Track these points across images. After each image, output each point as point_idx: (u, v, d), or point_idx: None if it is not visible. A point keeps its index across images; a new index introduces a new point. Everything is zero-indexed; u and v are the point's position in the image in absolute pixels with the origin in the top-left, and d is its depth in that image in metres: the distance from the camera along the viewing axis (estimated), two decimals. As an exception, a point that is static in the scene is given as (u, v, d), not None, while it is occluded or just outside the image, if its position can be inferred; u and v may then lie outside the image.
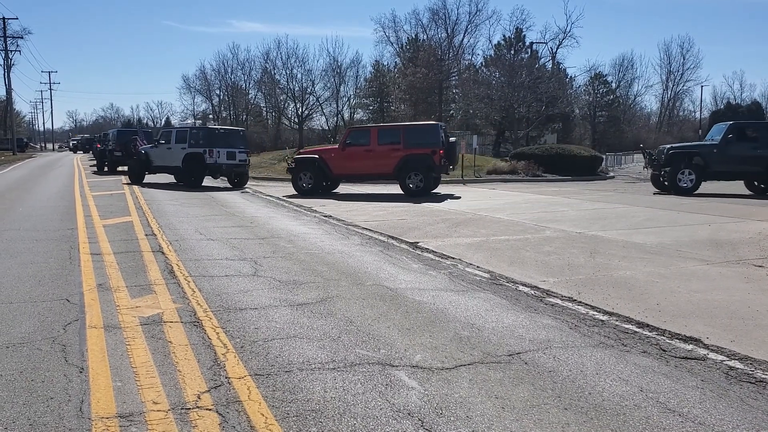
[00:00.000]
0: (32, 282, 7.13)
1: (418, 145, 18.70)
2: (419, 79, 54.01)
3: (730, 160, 18.72)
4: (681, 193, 18.59)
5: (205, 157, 22.56)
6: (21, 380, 4.23)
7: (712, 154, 18.89)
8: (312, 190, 19.81)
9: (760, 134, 19.06)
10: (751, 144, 18.71)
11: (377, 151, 19.19)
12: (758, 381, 4.24)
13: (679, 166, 18.96)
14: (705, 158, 18.92)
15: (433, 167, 18.62)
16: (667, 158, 19.31)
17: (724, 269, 7.74)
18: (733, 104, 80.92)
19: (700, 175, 18.90)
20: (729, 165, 18.80)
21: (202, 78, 77.96)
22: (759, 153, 18.46)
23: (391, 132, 20.05)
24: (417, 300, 6.39)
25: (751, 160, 18.57)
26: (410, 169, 18.75)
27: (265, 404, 3.83)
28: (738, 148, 18.73)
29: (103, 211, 14.04)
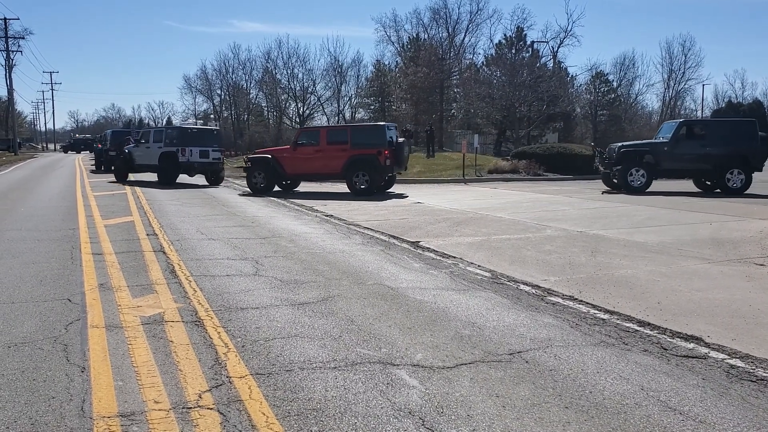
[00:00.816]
0: (34, 282, 7.14)
1: (365, 145, 19.10)
2: (420, 78, 53.96)
3: (681, 158, 18.86)
4: (632, 191, 18.59)
5: (178, 156, 23.22)
6: (23, 380, 4.23)
7: (663, 153, 18.98)
8: (265, 188, 20.25)
9: (709, 132, 19.20)
10: (701, 142, 18.86)
11: (326, 151, 19.61)
12: (759, 379, 4.24)
13: (630, 165, 18.95)
14: (656, 156, 19.00)
15: (378, 167, 18.95)
16: (618, 157, 19.28)
17: (725, 268, 7.74)
18: (734, 103, 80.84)
19: (651, 174, 18.96)
20: (679, 163, 18.96)
21: (203, 78, 77.96)
22: (708, 151, 18.62)
23: (339, 132, 20.71)
24: (418, 299, 6.39)
25: (700, 158, 18.72)
26: (356, 168, 19.18)
27: (266, 403, 3.84)
28: (688, 146, 18.88)
29: (104, 211, 14.06)
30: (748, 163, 18.54)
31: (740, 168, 18.52)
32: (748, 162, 18.53)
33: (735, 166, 18.52)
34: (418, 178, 27.06)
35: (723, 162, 18.51)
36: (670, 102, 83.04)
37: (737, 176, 18.54)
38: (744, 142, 18.58)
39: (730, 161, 18.51)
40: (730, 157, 18.49)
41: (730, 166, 18.53)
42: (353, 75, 69.27)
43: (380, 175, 19.34)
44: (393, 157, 19.10)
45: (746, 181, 18.56)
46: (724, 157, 18.49)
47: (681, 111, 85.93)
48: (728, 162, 18.51)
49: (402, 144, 19.64)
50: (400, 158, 19.51)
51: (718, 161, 18.53)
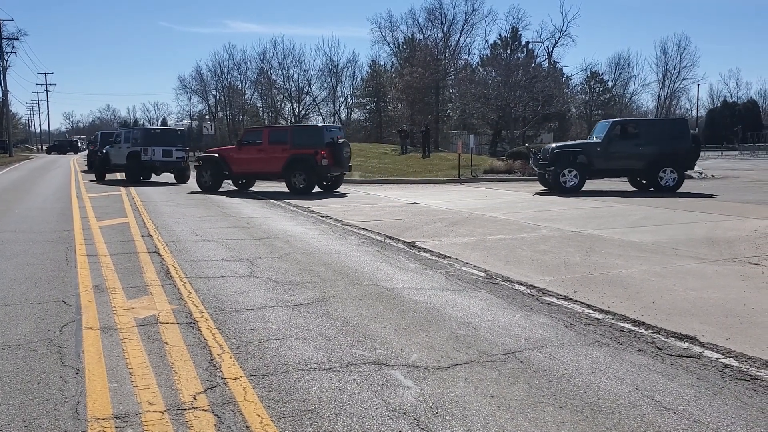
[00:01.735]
0: (28, 284, 7.12)
1: (304, 145, 19.65)
2: (416, 78, 54.00)
3: (614, 157, 18.99)
4: (565, 192, 18.62)
5: (141, 155, 24.66)
6: (17, 382, 4.22)
7: (596, 152, 19.07)
8: (212, 187, 20.97)
9: (642, 131, 19.36)
10: (633, 141, 19.02)
11: (268, 150, 20.22)
12: (753, 378, 4.25)
13: (563, 165, 18.99)
14: (589, 156, 19.08)
15: (316, 167, 19.49)
16: (552, 157, 19.33)
17: (719, 267, 7.76)
18: (729, 102, 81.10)
19: (584, 174, 19.01)
20: (612, 162, 19.09)
21: (198, 78, 77.97)
22: (641, 150, 18.76)
23: (281, 133, 21.45)
24: (413, 299, 6.39)
25: (633, 157, 18.86)
26: (295, 168, 19.74)
27: (260, 405, 3.83)
28: (620, 145, 19.03)
29: (99, 213, 14.03)
30: (680, 162, 18.77)
31: (672, 167, 18.72)
32: (680, 161, 18.77)
33: (667, 164, 18.72)
34: (414, 178, 27.08)
35: (656, 161, 18.70)
36: (665, 102, 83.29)
37: (670, 175, 18.72)
38: (676, 141, 18.76)
39: (662, 160, 18.70)
40: (663, 156, 18.69)
41: (662, 165, 18.72)
42: (349, 75, 69.42)
43: (318, 175, 19.88)
44: (331, 157, 19.54)
45: (678, 180, 18.78)
46: (656, 156, 18.68)
47: (676, 110, 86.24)
48: (661, 161, 18.70)
49: (342, 144, 19.93)
50: (339, 158, 19.80)
51: (651, 160, 18.71)
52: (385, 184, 25.17)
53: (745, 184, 21.01)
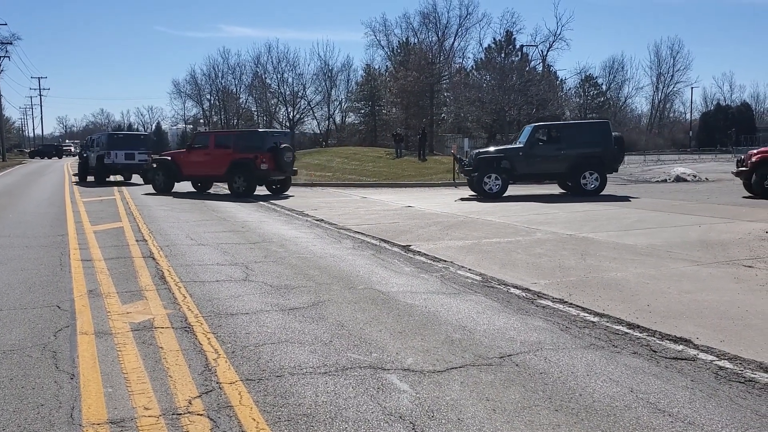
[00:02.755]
0: (23, 289, 7.10)
1: (246, 149, 20.43)
2: (410, 82, 54.06)
3: (536, 161, 19.15)
4: (488, 197, 18.63)
5: (104, 158, 26.84)
6: (11, 387, 4.21)
7: (518, 157, 19.16)
8: (164, 188, 21.96)
9: (564, 135, 19.49)
10: (555, 145, 19.15)
11: (214, 154, 21.15)
12: (747, 380, 4.27)
13: (485, 171, 19.04)
14: (512, 161, 19.16)
15: (255, 171, 20.21)
16: (475, 163, 19.43)
17: (714, 270, 7.78)
18: (722, 105, 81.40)
19: (506, 179, 19.08)
20: (535, 167, 19.25)
21: (192, 82, 77.95)
22: (563, 154, 18.89)
23: (225, 137, 22.60)
24: (409, 303, 6.40)
25: (555, 161, 19.01)
26: (236, 172, 20.51)
27: (256, 409, 3.83)
28: (542, 149, 19.20)
29: (93, 217, 14.00)
30: (602, 165, 18.86)
31: (595, 170, 18.83)
32: (603, 163, 18.86)
33: (590, 167, 18.82)
34: (409, 181, 27.10)
35: (578, 164, 18.80)
36: (659, 105, 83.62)
37: (592, 178, 18.82)
38: (598, 144, 18.87)
39: (584, 163, 18.81)
40: (585, 159, 18.80)
41: (585, 168, 18.82)
42: (343, 79, 69.49)
43: (258, 178, 20.63)
44: (271, 162, 20.25)
45: (601, 183, 18.88)
46: (578, 159, 18.80)
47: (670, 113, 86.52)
48: (583, 164, 18.81)
49: (283, 150, 20.50)
50: (279, 163, 20.40)
51: (573, 163, 18.82)
52: (379, 187, 25.19)
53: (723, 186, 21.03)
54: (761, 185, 17.84)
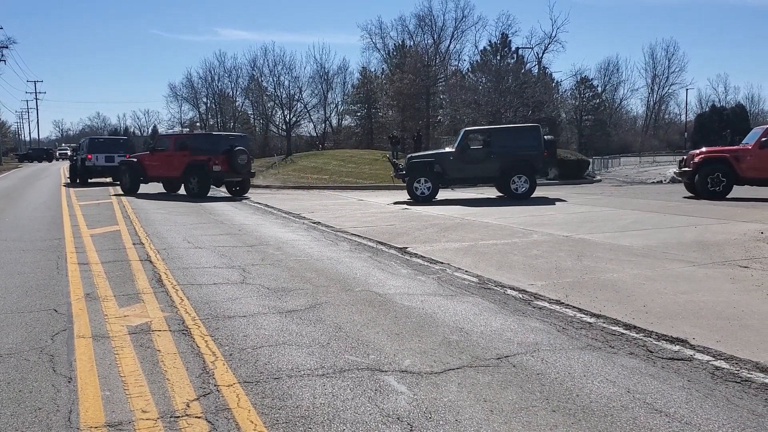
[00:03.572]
0: (19, 292, 7.09)
1: (201, 152, 21.37)
2: (406, 85, 54.15)
3: (467, 165, 19.23)
4: (419, 201, 18.78)
5: (86, 161, 28.70)
6: (9, 391, 4.21)
7: (450, 161, 19.33)
8: (130, 189, 22.87)
9: (494, 139, 19.59)
10: (486, 150, 19.26)
11: (173, 156, 22.01)
12: (743, 380, 4.28)
13: (417, 175, 19.18)
14: (443, 166, 19.28)
15: (208, 173, 21.08)
16: (407, 167, 19.61)
17: (710, 270, 7.81)
18: (717, 107, 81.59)
19: (437, 183, 19.25)
20: (466, 171, 19.35)
21: (188, 86, 77.77)
22: (493, 158, 19.00)
23: (183, 140, 23.46)
24: (406, 305, 6.40)
25: (485, 165, 19.11)
26: (191, 173, 21.40)
27: (254, 411, 3.83)
28: (473, 153, 19.31)
29: (90, 221, 13.98)
30: (531, 168, 18.97)
31: (524, 173, 18.93)
32: (532, 167, 18.97)
33: (519, 171, 18.91)
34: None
35: (508, 168, 18.90)
36: (654, 106, 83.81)
37: (521, 181, 18.92)
38: (528, 148, 18.96)
39: (514, 167, 18.90)
40: (515, 162, 18.90)
41: (514, 172, 18.91)
42: (339, 82, 69.45)
43: (211, 180, 21.50)
44: (225, 164, 21.07)
45: (531, 186, 18.99)
46: (509, 163, 18.90)
47: (665, 115, 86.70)
48: (513, 168, 18.90)
49: (236, 152, 21.18)
50: (233, 165, 21.16)
51: (503, 167, 18.92)
52: (376, 190, 25.18)
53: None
54: (704, 185, 18.13)
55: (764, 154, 17.78)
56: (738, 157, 18.10)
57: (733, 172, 17.98)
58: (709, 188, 17.95)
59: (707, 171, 18.10)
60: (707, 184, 17.99)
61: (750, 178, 18.10)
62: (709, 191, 17.91)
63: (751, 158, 17.93)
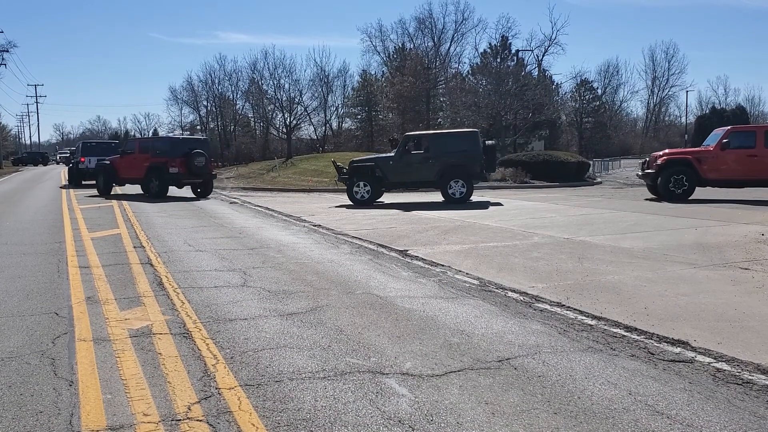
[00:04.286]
0: (20, 296, 7.09)
1: (160, 154, 22.74)
2: (407, 87, 54.17)
3: (406, 170, 19.37)
4: (358, 204, 19.02)
5: (79, 164, 30.72)
6: (10, 394, 4.21)
7: (389, 166, 19.51)
8: (104, 191, 24.19)
9: (432, 144, 19.74)
10: (425, 154, 19.39)
11: (138, 159, 23.42)
12: (745, 382, 4.28)
13: (357, 179, 19.46)
14: (383, 170, 19.50)
15: (166, 174, 22.48)
16: (349, 171, 19.87)
17: (710, 272, 7.81)
18: (718, 109, 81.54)
19: (377, 187, 19.51)
20: (405, 175, 19.49)
21: (189, 89, 77.63)
22: (431, 162, 19.10)
23: (147, 143, 24.97)
24: (407, 308, 6.41)
25: (424, 169, 19.21)
26: (151, 175, 22.73)
27: (255, 414, 3.83)
28: (412, 158, 19.45)
29: (91, 224, 13.99)
30: (468, 173, 19.04)
31: (461, 178, 18.98)
32: (469, 172, 19.03)
33: (456, 176, 18.98)
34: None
35: (445, 172, 18.97)
36: (654, 108, 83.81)
37: (458, 186, 19.00)
38: (466, 153, 19.01)
39: (452, 172, 18.97)
40: (453, 167, 18.97)
41: (451, 177, 18.96)
42: (340, 85, 69.36)
43: (168, 181, 22.73)
44: (183, 167, 22.53)
45: (467, 190, 19.04)
46: (447, 167, 18.95)
47: (665, 117, 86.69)
48: (450, 172, 18.97)
49: (194, 155, 22.57)
50: (190, 167, 22.59)
51: (442, 172, 18.98)
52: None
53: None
54: (666, 187, 18.29)
55: (725, 155, 18.09)
56: (700, 159, 18.34)
57: (696, 174, 18.23)
58: (671, 190, 18.16)
59: (670, 173, 18.32)
60: (670, 186, 18.15)
61: (712, 180, 18.35)
62: (671, 193, 18.14)
63: (713, 160, 18.19)
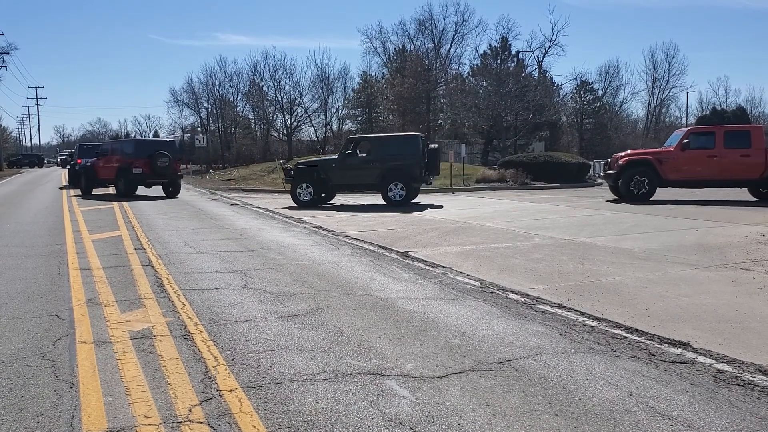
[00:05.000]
0: (21, 298, 7.09)
1: (127, 156, 24.61)
2: (407, 89, 54.15)
3: (349, 173, 19.62)
4: (302, 206, 19.25)
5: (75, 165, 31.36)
6: (11, 397, 4.21)
7: (332, 168, 19.75)
8: (85, 191, 25.96)
9: (374, 147, 20.00)
10: (367, 157, 19.65)
11: (110, 160, 25.28)
12: (746, 383, 4.28)
13: (300, 181, 19.73)
14: (326, 172, 19.75)
15: (130, 175, 24.19)
16: (294, 173, 20.19)
17: (711, 273, 7.80)
18: (718, 110, 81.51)
19: (319, 189, 19.78)
20: (348, 178, 19.73)
21: (189, 91, 77.56)
22: (373, 165, 19.28)
23: (115, 146, 27.01)
24: (407, 309, 6.40)
25: (365, 172, 19.43)
26: (119, 175, 24.51)
27: (256, 416, 3.83)
28: (355, 161, 19.67)
29: (91, 226, 13.99)
30: (408, 177, 19.11)
31: (401, 181, 19.09)
32: (408, 175, 19.11)
33: (397, 179, 19.09)
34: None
35: (386, 176, 19.11)
36: (654, 109, 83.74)
37: (398, 189, 19.12)
38: (406, 157, 19.10)
39: (392, 175, 19.10)
40: (393, 170, 19.10)
41: (391, 180, 19.10)
42: (340, 86, 69.33)
43: (133, 181, 24.42)
44: (147, 167, 24.08)
45: (407, 193, 19.13)
46: (387, 171, 19.10)
47: (666, 118, 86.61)
48: (391, 176, 19.10)
49: (156, 156, 24.12)
50: (154, 168, 24.14)
51: (382, 175, 19.13)
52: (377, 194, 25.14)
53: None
54: (627, 188, 18.43)
55: (686, 156, 18.30)
56: (661, 160, 18.54)
57: (656, 175, 18.39)
58: (632, 191, 18.29)
59: (631, 173, 18.45)
60: (630, 187, 18.26)
61: (673, 180, 18.55)
62: (631, 193, 18.28)
63: (674, 160, 18.41)
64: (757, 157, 17.87)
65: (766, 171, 17.79)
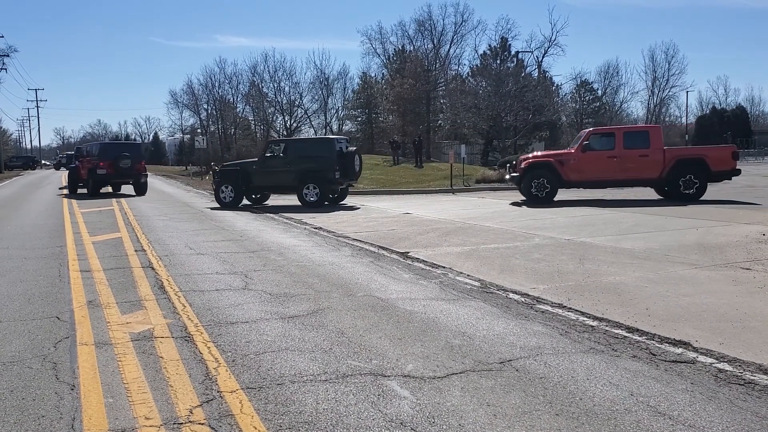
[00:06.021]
0: (22, 300, 7.09)
1: (95, 158, 26.41)
2: (407, 89, 54.20)
3: (268, 174, 20.01)
4: (224, 207, 19.78)
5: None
6: (12, 399, 4.21)
7: (253, 170, 20.23)
8: (71, 190, 28.19)
9: (291, 149, 20.32)
10: (284, 159, 20.00)
11: (84, 162, 27.44)
12: (747, 382, 4.28)
13: (223, 182, 20.27)
14: (248, 174, 20.21)
15: (95, 176, 26.12)
16: (219, 175, 20.78)
17: (712, 273, 7.80)
18: (718, 109, 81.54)
19: (239, 190, 20.18)
20: (268, 179, 20.17)
21: (189, 92, 77.71)
22: (290, 168, 19.62)
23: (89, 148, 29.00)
24: (408, 310, 6.40)
25: (284, 174, 19.77)
26: (90, 176, 26.36)
27: (257, 417, 3.83)
28: (273, 163, 20.03)
29: (92, 228, 14.00)
30: (322, 179, 19.40)
31: (316, 183, 19.43)
32: (323, 178, 19.40)
33: (311, 181, 19.46)
34: (406, 188, 27.13)
35: (302, 178, 19.47)
36: (654, 109, 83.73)
37: (312, 191, 19.47)
38: (320, 159, 19.41)
39: (307, 177, 19.46)
40: (308, 173, 19.47)
41: (307, 182, 19.47)
42: (340, 87, 69.52)
43: (99, 181, 26.48)
44: (110, 168, 25.92)
45: (321, 196, 19.51)
46: (303, 173, 19.46)
47: (666, 117, 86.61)
48: (306, 178, 19.47)
49: (119, 158, 26.06)
50: (117, 169, 25.99)
51: (299, 177, 19.47)
52: (377, 195, 25.19)
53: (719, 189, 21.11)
54: (529, 190, 18.65)
55: (586, 157, 18.47)
56: (562, 161, 18.71)
57: (557, 177, 18.54)
58: (533, 193, 18.49)
59: (532, 176, 18.61)
60: (532, 189, 18.48)
61: (574, 181, 18.74)
62: (534, 196, 18.48)
63: (574, 162, 18.58)
64: (655, 156, 18.04)
65: (665, 170, 17.96)
